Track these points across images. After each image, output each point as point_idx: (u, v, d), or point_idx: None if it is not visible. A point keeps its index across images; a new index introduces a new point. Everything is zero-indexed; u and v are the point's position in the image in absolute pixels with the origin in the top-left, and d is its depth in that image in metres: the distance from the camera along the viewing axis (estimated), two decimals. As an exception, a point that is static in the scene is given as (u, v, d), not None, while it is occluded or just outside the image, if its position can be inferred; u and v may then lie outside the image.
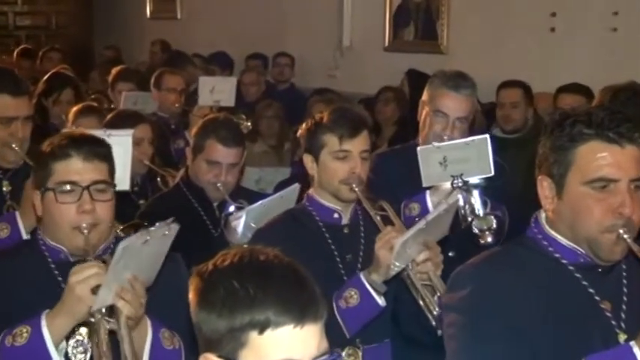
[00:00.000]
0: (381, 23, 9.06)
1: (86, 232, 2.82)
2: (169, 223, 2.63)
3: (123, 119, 4.81)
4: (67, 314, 2.66)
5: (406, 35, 8.96)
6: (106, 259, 2.73)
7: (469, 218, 3.76)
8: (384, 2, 9.00)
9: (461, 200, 3.70)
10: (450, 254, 3.55)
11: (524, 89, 6.57)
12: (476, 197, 3.78)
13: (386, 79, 8.15)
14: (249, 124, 6.28)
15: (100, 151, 2.91)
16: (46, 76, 6.45)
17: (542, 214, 2.57)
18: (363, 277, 3.28)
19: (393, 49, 9.01)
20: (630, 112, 2.57)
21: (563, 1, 7.50)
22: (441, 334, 2.62)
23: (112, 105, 6.57)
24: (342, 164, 3.45)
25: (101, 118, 5.08)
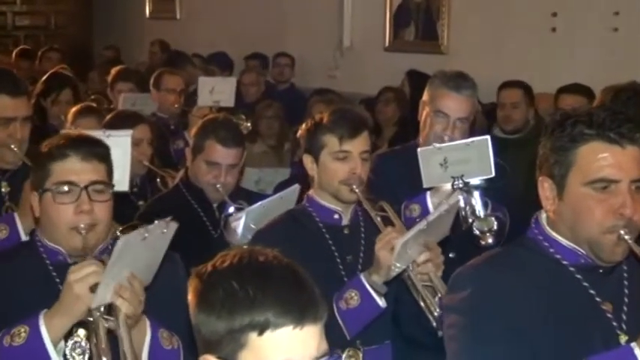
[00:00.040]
0: (382, 23, 9.05)
1: (84, 233, 2.81)
2: (168, 221, 2.62)
3: (122, 120, 4.80)
4: (66, 313, 2.65)
5: (407, 35, 8.95)
6: (104, 260, 2.71)
7: (470, 219, 3.74)
8: (385, 2, 8.99)
9: (461, 201, 3.68)
10: (451, 255, 3.54)
11: (524, 89, 6.55)
12: (477, 198, 3.77)
13: (386, 79, 8.13)
14: (249, 124, 6.27)
15: (98, 151, 2.90)
16: (45, 77, 6.45)
17: (542, 215, 2.57)
18: (363, 278, 3.27)
19: (393, 50, 9.00)
20: (631, 112, 2.58)
21: (564, 1, 7.49)
22: (442, 335, 2.61)
23: (111, 105, 6.56)
24: (342, 165, 3.44)
25: (100, 118, 5.09)
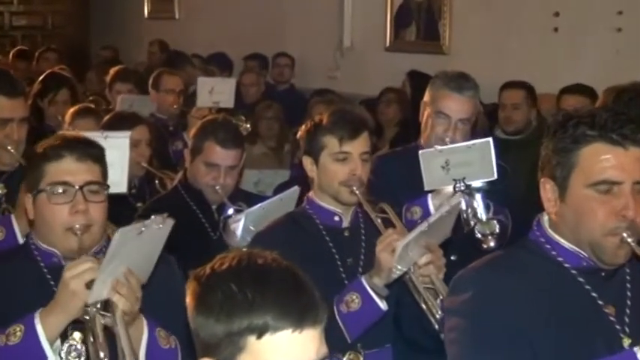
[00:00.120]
0: (382, 23, 9.04)
1: (79, 234, 2.81)
2: (165, 217, 2.62)
3: (120, 121, 4.81)
4: (62, 310, 2.64)
5: (408, 35, 8.93)
6: (100, 260, 2.70)
7: (472, 222, 3.74)
8: (385, 2, 8.98)
9: (463, 204, 3.69)
10: (452, 258, 3.52)
11: (526, 90, 6.53)
12: (478, 201, 3.77)
13: (387, 79, 8.12)
14: (249, 125, 6.26)
15: (93, 152, 2.90)
16: (42, 77, 6.46)
17: (544, 217, 2.56)
18: (364, 280, 3.26)
19: (394, 50, 8.98)
20: (633, 113, 2.57)
21: (567, 1, 7.47)
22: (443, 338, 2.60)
23: (109, 106, 6.55)
24: (342, 166, 3.42)
25: (98, 119, 5.11)
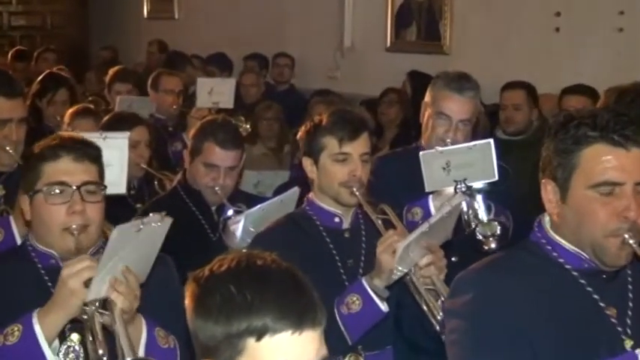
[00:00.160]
0: (383, 23, 9.02)
1: (76, 234, 2.80)
2: (163, 215, 2.62)
3: (119, 121, 4.81)
4: (60, 309, 2.63)
5: (408, 35, 8.91)
6: (98, 258, 2.69)
7: (473, 224, 3.73)
8: (386, 2, 8.96)
9: (464, 206, 3.68)
10: (453, 259, 3.50)
11: (527, 90, 6.50)
12: (479, 202, 3.76)
13: (388, 80, 8.11)
14: (248, 126, 6.25)
15: (90, 152, 2.89)
16: (40, 77, 6.45)
17: (545, 218, 2.56)
18: (365, 282, 3.25)
19: (394, 50, 8.96)
20: (635, 113, 2.57)
21: (568, 1, 7.46)
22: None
23: (109, 107, 6.54)
24: (341, 167, 3.41)
25: (98, 120, 5.12)
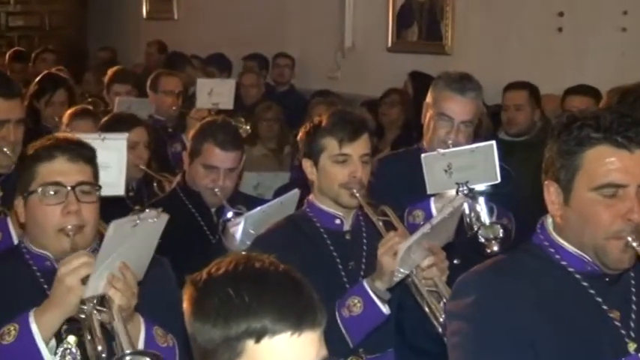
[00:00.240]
0: (384, 23, 9.00)
1: (72, 235, 2.79)
2: (159, 211, 2.62)
3: (118, 122, 4.80)
4: (57, 307, 2.62)
5: (410, 36, 8.89)
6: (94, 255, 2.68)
7: (475, 226, 3.72)
8: (387, 2, 8.94)
9: (467, 208, 3.67)
10: (455, 262, 3.49)
11: (530, 91, 6.47)
12: (482, 205, 3.75)
13: (389, 80, 8.10)
14: (248, 127, 6.24)
15: (84, 152, 2.89)
16: (38, 77, 6.46)
17: (548, 220, 2.54)
18: (366, 284, 3.24)
19: (396, 50, 8.94)
20: (638, 114, 2.53)
21: (571, 1, 7.44)
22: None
23: (108, 108, 6.52)
24: (341, 168, 3.40)
25: (96, 121, 5.12)
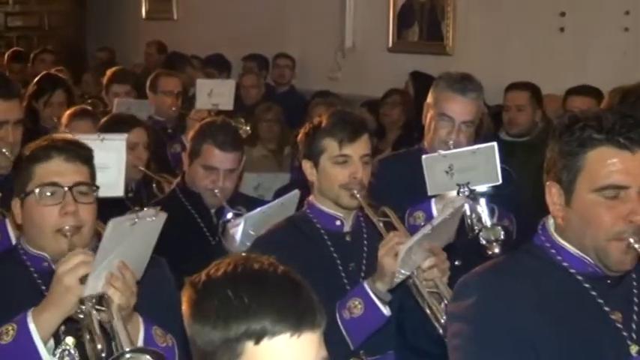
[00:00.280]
0: (385, 23, 8.99)
1: (69, 235, 2.78)
2: (158, 209, 2.63)
3: (117, 123, 4.80)
4: (55, 306, 2.61)
5: (410, 36, 8.89)
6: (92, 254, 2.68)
7: (476, 228, 3.71)
8: (388, 2, 8.94)
9: (468, 210, 3.66)
10: (456, 263, 3.48)
11: (531, 91, 6.47)
12: (483, 206, 3.73)
13: (389, 81, 8.10)
14: (248, 128, 6.23)
15: (81, 153, 2.89)
16: (37, 78, 6.46)
17: (549, 221, 2.54)
18: (367, 285, 3.23)
19: (396, 50, 8.94)
20: (639, 114, 2.52)
21: (573, 1, 7.44)
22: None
23: (107, 108, 6.50)
24: (342, 169, 3.40)
25: (96, 121, 5.11)
